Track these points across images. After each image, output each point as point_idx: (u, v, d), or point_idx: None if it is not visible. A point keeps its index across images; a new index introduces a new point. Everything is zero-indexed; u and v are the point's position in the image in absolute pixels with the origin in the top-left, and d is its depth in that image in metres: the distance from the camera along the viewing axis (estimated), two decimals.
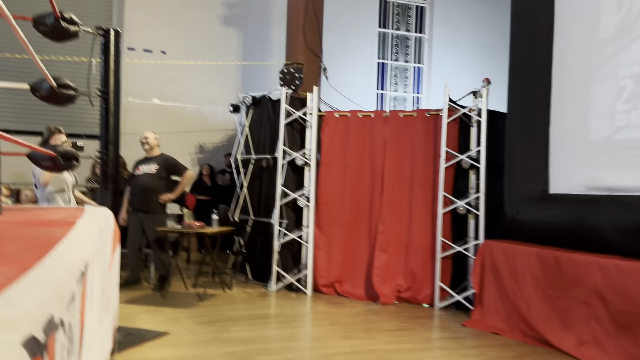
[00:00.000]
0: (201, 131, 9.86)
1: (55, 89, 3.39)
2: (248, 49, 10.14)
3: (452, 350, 4.27)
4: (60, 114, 8.89)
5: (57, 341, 0.92)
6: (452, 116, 5.81)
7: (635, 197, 4.10)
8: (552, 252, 4.44)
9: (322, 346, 4.27)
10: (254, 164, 6.88)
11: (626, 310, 3.73)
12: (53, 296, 0.94)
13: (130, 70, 9.14)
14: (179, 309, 5.22)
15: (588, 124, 4.67)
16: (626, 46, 4.35)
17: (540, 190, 5.09)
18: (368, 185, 6.19)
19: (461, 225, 5.85)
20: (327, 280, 6.26)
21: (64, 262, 1.17)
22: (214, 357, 3.86)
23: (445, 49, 11.70)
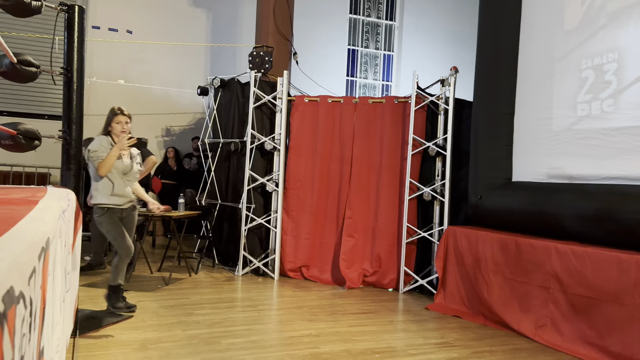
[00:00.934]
0: (168, 114, 9.71)
1: (15, 65, 3.29)
2: (217, 30, 10.00)
3: (415, 332, 4.37)
4: (22, 93, 8.63)
5: (18, 314, 0.91)
6: (420, 104, 5.87)
7: (593, 186, 4.24)
8: (513, 238, 4.56)
9: (287, 329, 4.31)
10: (222, 148, 6.83)
11: (582, 294, 3.88)
12: (13, 268, 0.92)
13: (95, 49, 8.91)
14: (144, 293, 5.17)
15: (551, 113, 4.80)
16: (588, 38, 4.46)
17: (504, 178, 5.22)
18: (336, 170, 6.22)
19: (426, 212, 5.96)
20: (294, 265, 6.29)
21: (25, 237, 1.15)
22: (178, 340, 3.85)
23: (415, 37, 11.78)
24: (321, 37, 10.79)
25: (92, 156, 4.08)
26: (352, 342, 3.97)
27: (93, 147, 4.09)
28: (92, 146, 4.09)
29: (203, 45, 9.72)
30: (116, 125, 4.21)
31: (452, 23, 11.65)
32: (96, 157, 4.07)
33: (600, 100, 4.29)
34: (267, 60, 6.49)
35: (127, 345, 3.61)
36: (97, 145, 4.09)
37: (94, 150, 4.07)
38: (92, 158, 4.08)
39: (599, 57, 4.33)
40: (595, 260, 3.82)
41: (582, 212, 4.18)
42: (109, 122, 4.24)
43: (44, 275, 1.33)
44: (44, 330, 1.46)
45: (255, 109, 6.36)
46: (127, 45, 9.17)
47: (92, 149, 4.08)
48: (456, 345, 4.04)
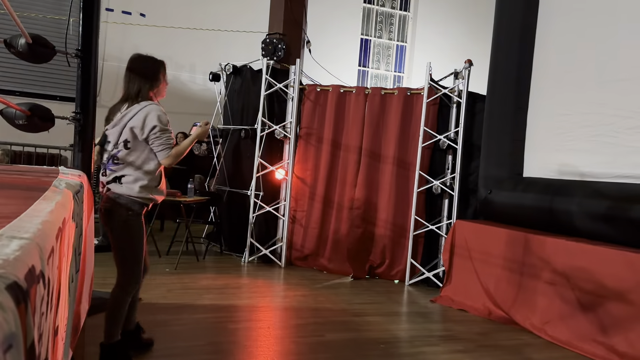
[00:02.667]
0: (179, 99, 9.72)
1: (31, 46, 3.30)
2: (230, 16, 9.96)
3: (420, 324, 4.38)
4: (35, 74, 8.66)
5: (38, 293, 0.92)
6: (433, 96, 5.84)
7: (605, 184, 4.21)
8: (523, 233, 4.55)
9: (293, 316, 4.33)
10: (232, 134, 6.83)
11: (590, 291, 3.87)
12: (33, 248, 0.93)
13: (108, 32, 8.91)
14: (152, 276, 5.21)
15: (565, 109, 4.75)
16: (608, 33, 4.41)
17: (515, 173, 5.20)
18: (346, 160, 6.21)
19: (435, 204, 5.95)
20: (302, 254, 6.31)
21: (44, 217, 1.16)
22: (185, 323, 3.89)
23: (429, 28, 11.68)
24: (334, 26, 10.73)
25: (162, 136, 2.84)
26: (358, 332, 3.99)
27: (162, 123, 2.85)
28: (160, 121, 2.84)
29: (216, 30, 9.70)
30: (164, 83, 3.02)
31: (467, 15, 11.54)
32: (168, 138, 2.88)
33: (616, 97, 4.25)
34: (280, 47, 6.47)
35: None
36: (166, 123, 2.87)
37: (164, 128, 2.85)
38: (163, 139, 2.85)
39: (616, 52, 4.28)
40: (603, 258, 3.80)
41: (593, 210, 4.15)
42: (155, 76, 2.93)
43: (60, 255, 1.34)
44: (59, 309, 1.48)
45: (266, 97, 6.35)
46: (140, 28, 9.17)
47: (162, 125, 2.84)
48: (461, 338, 4.04)
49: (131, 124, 2.83)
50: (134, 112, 2.85)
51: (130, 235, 2.88)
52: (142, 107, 2.85)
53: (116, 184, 2.86)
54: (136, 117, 2.83)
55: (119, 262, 2.92)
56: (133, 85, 2.89)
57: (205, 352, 3.39)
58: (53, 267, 1.17)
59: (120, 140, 2.86)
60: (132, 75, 2.91)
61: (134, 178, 2.85)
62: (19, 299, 0.72)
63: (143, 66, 2.93)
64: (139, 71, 2.91)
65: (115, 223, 2.86)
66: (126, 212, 2.84)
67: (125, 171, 2.86)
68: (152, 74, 2.93)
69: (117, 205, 2.85)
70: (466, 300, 4.97)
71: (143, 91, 2.89)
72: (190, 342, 3.51)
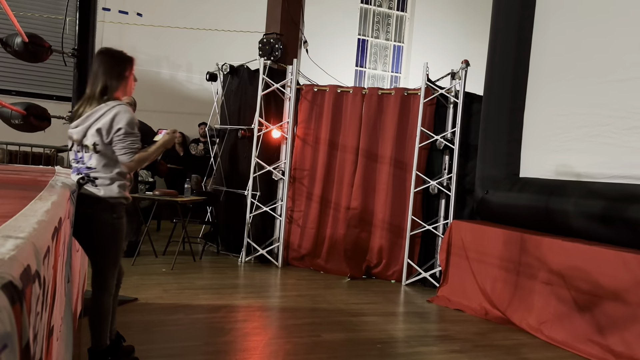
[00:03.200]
0: (176, 98, 9.71)
1: (27, 45, 3.29)
2: (227, 16, 9.96)
3: (417, 324, 4.38)
4: (31, 73, 8.64)
5: (33, 293, 0.92)
6: (430, 96, 5.84)
7: (602, 184, 4.22)
8: (519, 233, 4.55)
9: (290, 316, 4.33)
10: (229, 134, 6.82)
11: (586, 292, 3.88)
12: (29, 247, 0.93)
13: (105, 31, 8.89)
14: (148, 276, 5.21)
15: (562, 110, 4.77)
16: (605, 34, 4.42)
17: (511, 173, 5.21)
18: (343, 161, 6.21)
19: (432, 205, 5.95)
20: (298, 254, 6.31)
21: (40, 216, 1.16)
22: (182, 323, 3.88)
23: (426, 29, 11.70)
24: (331, 26, 10.74)
25: (126, 139, 2.70)
26: (355, 332, 3.99)
27: (129, 125, 2.70)
28: (126, 123, 2.69)
29: (213, 30, 9.69)
30: (132, 79, 2.89)
31: (464, 15, 11.56)
32: (133, 142, 2.73)
33: (613, 98, 4.26)
34: (277, 47, 6.46)
35: (130, 327, 3.63)
36: (132, 125, 2.73)
37: (130, 131, 2.70)
38: (127, 142, 2.71)
39: (614, 54, 4.29)
40: (600, 258, 3.81)
41: (589, 210, 4.16)
42: (120, 74, 2.78)
43: (56, 255, 1.34)
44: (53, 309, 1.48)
45: (263, 97, 6.35)
46: (137, 27, 9.16)
47: (128, 128, 2.69)
48: (458, 338, 4.05)
49: (98, 125, 2.67)
50: (101, 112, 2.69)
51: (116, 238, 2.77)
52: (109, 107, 2.70)
53: (92, 187, 2.72)
54: (103, 118, 2.68)
55: (101, 266, 2.78)
56: (98, 82, 2.74)
57: (201, 352, 3.38)
58: (49, 266, 1.17)
59: (87, 142, 2.71)
60: (98, 72, 2.75)
61: (110, 180, 2.74)
62: (14, 298, 0.72)
63: (109, 62, 2.77)
64: (105, 68, 2.75)
65: (99, 229, 2.72)
66: (111, 215, 2.73)
67: (99, 173, 2.73)
68: (118, 71, 2.77)
69: (99, 210, 2.71)
70: (463, 300, 4.98)
71: (109, 89, 2.74)
72: (186, 342, 3.51)
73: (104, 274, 2.77)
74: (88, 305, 2.83)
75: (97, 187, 2.71)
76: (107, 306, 2.80)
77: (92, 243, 2.76)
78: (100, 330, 2.80)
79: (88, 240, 2.77)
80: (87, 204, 2.68)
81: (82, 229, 2.69)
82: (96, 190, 2.71)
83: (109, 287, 2.80)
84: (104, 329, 2.81)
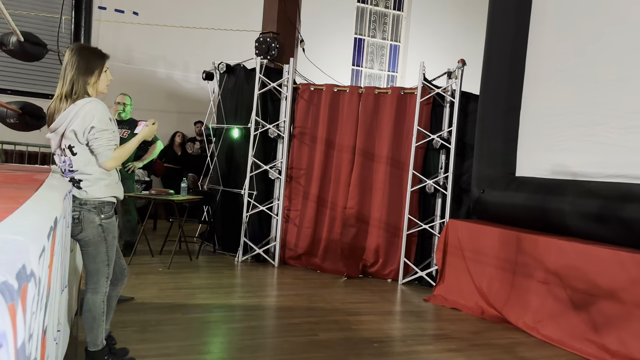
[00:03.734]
0: (172, 97, 9.69)
1: (23, 44, 3.28)
2: (224, 15, 9.94)
3: (413, 323, 4.39)
4: (27, 72, 8.61)
5: (29, 292, 0.92)
6: (426, 95, 5.85)
7: (597, 183, 4.23)
8: (515, 232, 4.56)
9: (287, 316, 4.33)
10: (226, 133, 6.81)
11: (582, 290, 3.89)
12: (24, 247, 0.93)
13: (101, 30, 8.87)
14: (145, 275, 5.20)
15: (558, 109, 4.78)
16: (601, 33, 4.43)
17: (507, 172, 5.22)
18: (340, 160, 6.20)
19: (428, 204, 5.96)
20: (295, 253, 6.31)
21: (36, 215, 1.15)
22: (178, 323, 3.88)
23: (423, 28, 11.70)
24: (328, 25, 10.73)
25: (102, 137, 2.62)
26: (351, 331, 3.99)
27: (101, 122, 2.62)
28: (98, 120, 2.61)
29: (209, 29, 9.67)
30: (104, 76, 2.78)
31: (461, 15, 11.57)
32: (109, 139, 2.67)
33: (609, 98, 4.27)
34: (274, 46, 6.46)
35: (127, 326, 3.63)
36: (106, 121, 2.65)
37: (103, 128, 2.63)
38: (101, 140, 2.63)
39: (611, 53, 4.31)
40: (595, 257, 3.82)
41: (585, 209, 4.17)
42: (90, 71, 2.68)
43: (51, 254, 1.34)
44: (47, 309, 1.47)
45: (260, 96, 6.34)
46: (133, 26, 9.13)
47: (100, 125, 2.62)
48: (454, 337, 4.06)
49: (72, 127, 2.59)
50: (73, 113, 2.59)
51: (106, 239, 2.72)
52: (79, 107, 2.59)
53: (77, 190, 2.66)
54: (75, 119, 2.59)
55: (93, 267, 2.73)
56: (71, 79, 2.62)
57: (198, 351, 3.38)
58: (44, 266, 1.17)
59: (63, 145, 2.65)
60: (70, 67, 2.64)
61: (94, 180, 2.67)
62: (10, 298, 0.72)
63: (76, 58, 2.65)
64: (73, 64, 2.64)
65: (89, 231, 2.67)
66: (99, 217, 2.68)
67: (82, 175, 2.66)
68: (85, 66, 2.65)
69: (86, 212, 2.66)
70: (459, 299, 4.99)
71: (77, 87, 2.62)
72: (183, 342, 3.50)
73: (96, 275, 2.74)
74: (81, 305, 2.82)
75: (81, 189, 2.66)
76: (99, 307, 2.76)
77: (82, 245, 2.73)
78: (95, 330, 2.77)
79: (80, 243, 2.75)
80: (75, 206, 2.66)
81: (72, 232, 2.67)
82: (81, 193, 2.66)
83: (101, 288, 2.76)
84: (98, 329, 2.78)
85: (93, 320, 2.76)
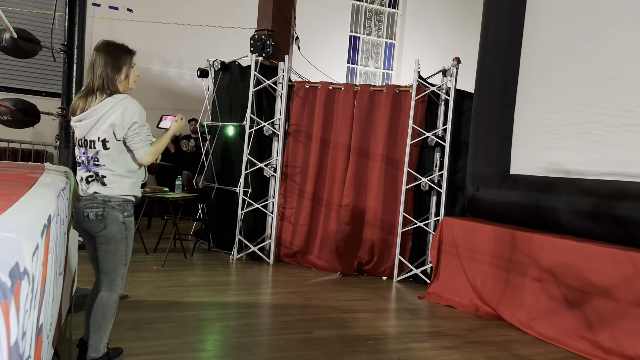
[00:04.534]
0: (166, 95, 9.65)
1: (16, 41, 3.26)
2: (219, 12, 9.91)
3: (408, 320, 4.40)
4: (21, 69, 8.55)
5: (22, 290, 0.91)
6: (421, 93, 5.85)
7: (591, 181, 4.25)
8: (509, 230, 4.58)
9: (281, 313, 4.33)
10: (221, 131, 6.80)
11: (576, 288, 3.91)
12: (18, 245, 0.92)
13: (95, 27, 8.82)
14: (139, 273, 5.18)
15: (552, 107, 4.79)
16: (595, 33, 4.45)
17: (502, 170, 5.23)
18: (335, 158, 6.20)
19: (423, 202, 5.97)
20: (290, 251, 6.31)
21: (29, 213, 1.14)
22: (173, 321, 3.87)
23: (418, 26, 11.71)
24: (323, 23, 10.72)
25: (141, 132, 2.65)
26: (346, 328, 4.00)
27: (141, 117, 2.67)
28: (139, 115, 2.66)
29: (204, 26, 9.64)
30: (132, 71, 2.80)
31: (456, 13, 11.58)
32: (148, 134, 2.71)
33: (603, 96, 4.29)
34: (269, 44, 6.45)
35: (121, 324, 3.62)
36: (144, 117, 2.70)
37: (143, 123, 2.68)
38: (142, 135, 2.65)
39: (605, 52, 4.32)
40: (589, 255, 3.84)
41: (579, 207, 4.19)
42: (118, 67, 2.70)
43: (45, 252, 1.33)
44: (42, 307, 1.46)
45: (255, 93, 6.33)
46: (127, 23, 9.09)
47: (141, 120, 2.66)
48: (449, 334, 4.07)
49: (109, 121, 2.58)
50: (109, 106, 2.59)
51: (127, 237, 2.72)
52: (117, 101, 2.61)
53: (100, 186, 2.63)
54: (112, 112, 2.59)
55: (111, 266, 2.71)
56: (100, 74, 2.64)
57: (192, 349, 3.37)
58: (38, 263, 1.16)
59: (94, 138, 2.61)
60: (100, 64, 2.65)
61: (121, 177, 2.66)
62: (2, 295, 0.71)
63: (112, 54, 2.68)
64: (107, 60, 2.66)
65: (111, 228, 2.65)
66: (122, 214, 2.67)
67: (108, 171, 2.64)
68: (120, 64, 2.69)
69: (110, 209, 2.64)
70: (454, 296, 5.00)
71: (112, 82, 2.65)
72: (177, 340, 3.50)
73: (114, 273, 2.72)
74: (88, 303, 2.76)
75: (106, 186, 2.63)
76: (112, 306, 2.73)
77: (103, 242, 2.67)
78: (103, 331, 2.72)
79: (99, 239, 2.68)
80: (97, 203, 2.62)
81: (94, 228, 2.64)
82: (106, 189, 2.63)
83: (117, 287, 2.75)
84: (105, 331, 2.73)
85: (103, 318, 2.71)
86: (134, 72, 2.79)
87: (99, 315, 2.70)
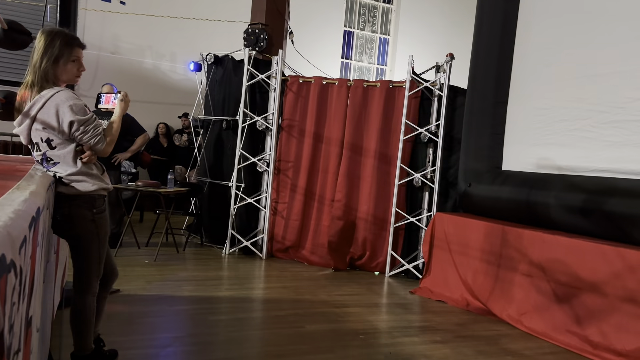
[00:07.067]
0: (159, 88, 9.61)
1: (6, 32, 3.22)
2: (212, 5, 9.86)
3: (399, 315, 4.42)
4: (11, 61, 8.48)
5: (9, 283, 0.91)
6: (414, 89, 5.85)
7: (582, 178, 4.28)
8: (500, 226, 4.60)
9: (273, 308, 4.33)
10: (214, 125, 6.78)
11: (565, 283, 3.94)
12: (4, 237, 0.92)
13: (87, 19, 8.76)
14: (131, 268, 5.17)
15: (544, 104, 4.81)
16: (587, 30, 4.46)
17: (494, 166, 5.25)
18: (328, 153, 6.20)
19: (415, 197, 5.99)
20: (283, 245, 6.31)
21: (17, 205, 1.14)
22: (164, 315, 3.87)
23: (412, 21, 11.71)
24: (317, 17, 10.70)
25: (87, 129, 2.46)
26: (338, 323, 4.01)
27: (78, 113, 2.43)
28: (77, 111, 2.42)
29: (197, 20, 9.60)
30: (72, 65, 2.52)
31: (450, 9, 11.59)
32: (95, 126, 2.50)
33: (593, 93, 4.31)
34: (262, 38, 6.42)
35: (113, 318, 3.61)
36: (82, 110, 2.45)
37: (83, 119, 2.44)
38: (90, 131, 2.47)
39: (595, 49, 4.34)
40: (579, 250, 3.87)
41: (570, 203, 4.22)
42: (55, 58, 2.44)
43: (33, 245, 1.32)
44: (32, 300, 1.46)
45: (248, 87, 6.31)
46: (120, 16, 9.03)
47: (81, 114, 2.43)
48: (440, 329, 4.09)
49: (41, 120, 2.39)
50: (39, 105, 2.38)
51: (99, 234, 2.56)
52: (46, 99, 2.38)
53: (63, 185, 2.47)
54: (44, 111, 2.38)
55: (83, 266, 2.57)
56: (33, 67, 2.42)
57: (185, 343, 3.37)
58: (26, 256, 1.16)
59: (36, 139, 2.44)
60: (33, 55, 2.43)
61: (79, 174, 2.49)
62: None
63: (43, 43, 2.43)
64: (39, 49, 2.42)
65: (81, 228, 2.51)
66: (90, 212, 2.52)
67: (64, 169, 2.47)
68: (51, 52, 2.42)
69: (76, 208, 2.49)
70: (445, 291, 5.03)
71: (42, 74, 2.41)
72: (169, 334, 3.50)
73: (86, 273, 2.58)
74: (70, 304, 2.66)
75: (67, 185, 2.48)
76: (90, 308, 2.60)
77: (73, 243, 2.58)
78: (84, 334, 2.60)
79: (69, 240, 2.60)
80: (65, 205, 2.49)
81: (63, 229, 2.54)
82: (68, 188, 2.48)
83: (92, 288, 2.60)
84: (87, 333, 2.61)
85: (82, 323, 2.59)
86: (74, 66, 2.52)
87: (78, 321, 2.59)
